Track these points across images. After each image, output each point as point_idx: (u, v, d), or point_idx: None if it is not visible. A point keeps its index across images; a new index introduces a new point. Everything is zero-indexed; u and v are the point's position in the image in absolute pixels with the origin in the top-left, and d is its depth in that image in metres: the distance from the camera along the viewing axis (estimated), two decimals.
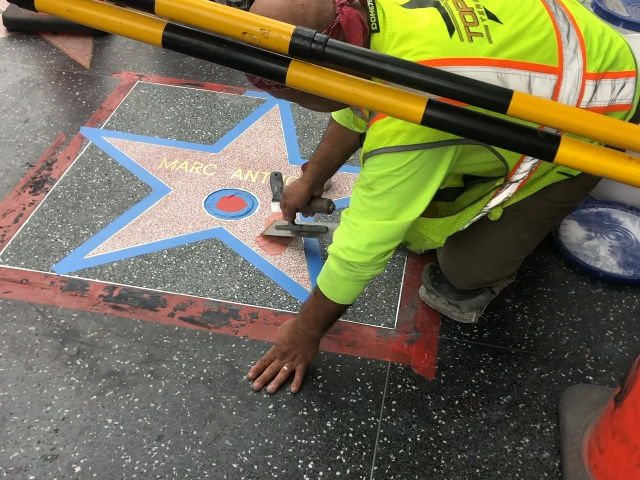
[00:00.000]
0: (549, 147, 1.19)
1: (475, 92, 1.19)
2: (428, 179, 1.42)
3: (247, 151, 2.47)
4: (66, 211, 2.19)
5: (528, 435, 1.67)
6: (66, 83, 2.75)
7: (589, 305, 1.99)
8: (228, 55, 1.24)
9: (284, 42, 1.20)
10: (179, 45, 1.25)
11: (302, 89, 1.25)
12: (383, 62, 1.19)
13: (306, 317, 1.67)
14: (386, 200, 1.42)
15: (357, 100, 1.22)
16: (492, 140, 1.22)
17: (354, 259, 1.49)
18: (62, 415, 1.65)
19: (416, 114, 1.20)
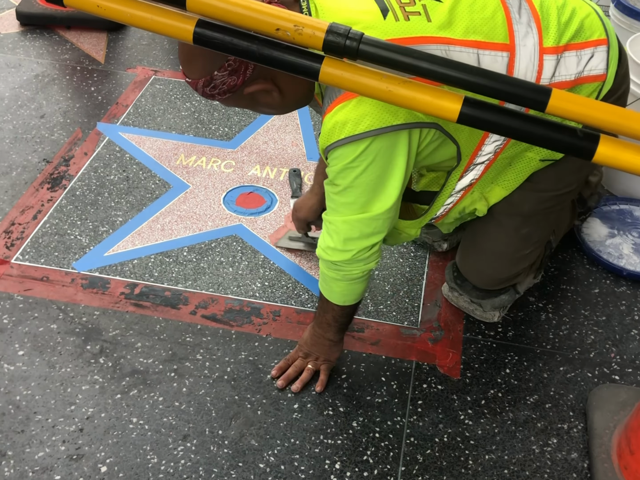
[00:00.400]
0: (588, 146, 1.17)
1: (513, 89, 1.17)
2: (389, 167, 1.37)
3: (265, 147, 2.45)
4: (85, 208, 2.18)
5: (556, 436, 1.65)
6: (81, 78, 2.73)
7: (613, 304, 1.97)
8: (260, 52, 1.22)
9: (318, 39, 1.18)
10: (210, 41, 1.23)
11: (335, 86, 1.23)
12: (419, 59, 1.17)
13: (320, 321, 1.65)
14: (351, 194, 1.39)
15: (392, 98, 1.20)
16: (530, 138, 1.20)
17: (335, 257, 1.48)
18: (86, 414, 1.64)
19: (452, 111, 1.19)
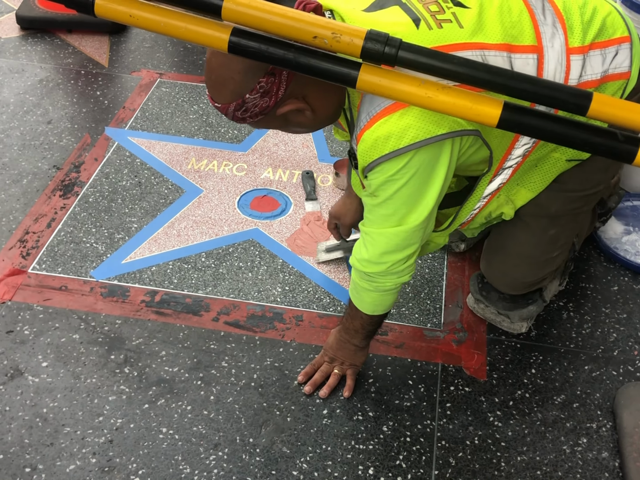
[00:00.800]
0: (629, 149, 1.17)
1: (554, 93, 1.17)
2: (430, 178, 1.36)
3: (276, 150, 2.44)
4: (99, 215, 2.16)
5: (585, 435, 1.66)
6: (86, 82, 2.70)
7: (632, 301, 1.98)
8: (297, 60, 1.21)
9: (356, 46, 1.18)
10: (245, 50, 1.22)
11: (373, 93, 1.23)
12: (459, 65, 1.17)
13: (347, 327, 1.64)
14: (390, 206, 1.38)
15: (432, 105, 1.20)
16: (571, 142, 1.20)
17: (369, 269, 1.47)
18: (115, 425, 1.63)
19: (492, 117, 1.18)
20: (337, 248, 2.04)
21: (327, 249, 2.05)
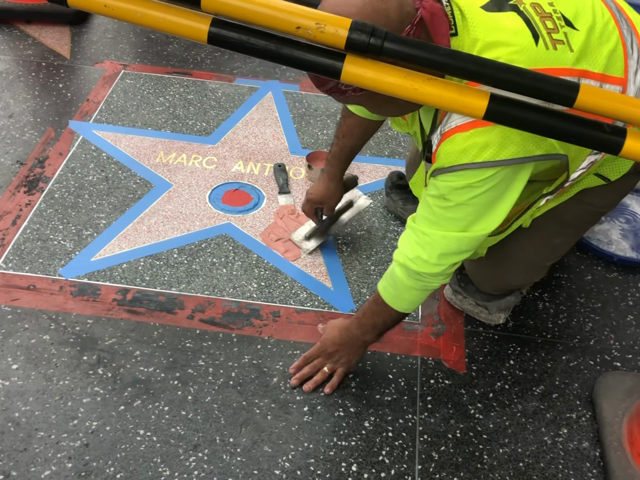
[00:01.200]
0: (615, 140, 1.16)
1: (541, 85, 1.15)
2: (506, 191, 1.33)
3: (246, 142, 2.40)
4: (65, 211, 2.09)
5: (565, 426, 1.66)
6: (47, 75, 2.63)
7: (606, 290, 1.99)
8: (279, 51, 1.17)
9: (341, 37, 1.14)
10: (226, 41, 1.18)
11: (357, 85, 1.20)
12: (445, 56, 1.15)
13: (363, 323, 1.61)
14: (461, 212, 1.35)
15: (418, 96, 1.18)
16: (557, 134, 1.18)
17: (425, 269, 1.43)
18: (90, 428, 1.58)
19: (479, 108, 1.16)
20: (315, 233, 2.03)
21: (306, 236, 2.03)
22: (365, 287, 1.93)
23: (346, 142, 1.85)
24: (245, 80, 2.68)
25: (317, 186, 1.92)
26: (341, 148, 1.86)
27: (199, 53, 2.80)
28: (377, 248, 2.05)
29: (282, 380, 1.70)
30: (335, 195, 1.93)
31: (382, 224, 2.13)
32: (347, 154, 1.87)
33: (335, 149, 1.87)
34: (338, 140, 1.86)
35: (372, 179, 2.28)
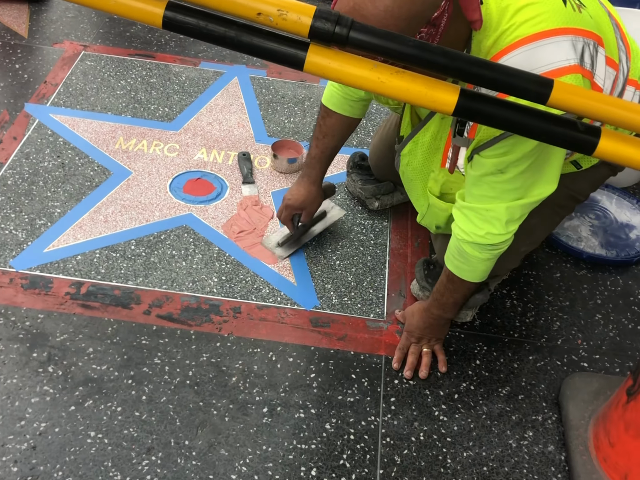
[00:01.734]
0: (589, 140, 1.12)
1: (512, 80, 1.10)
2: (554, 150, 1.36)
3: (210, 129, 2.32)
4: (18, 199, 2.00)
5: (531, 428, 1.63)
6: (3, 54, 2.51)
7: (575, 288, 1.95)
8: (239, 38, 1.11)
9: (304, 25, 1.08)
10: (182, 26, 1.11)
11: (321, 76, 1.13)
12: (413, 47, 1.09)
13: (442, 302, 1.63)
14: (520, 180, 1.37)
15: (384, 90, 1.12)
16: (529, 132, 1.14)
17: (497, 240, 1.45)
18: (38, 429, 1.51)
19: (448, 104, 1.11)
20: (289, 239, 1.94)
21: (279, 243, 1.94)
22: (329, 283, 1.88)
23: (327, 143, 1.78)
24: (210, 64, 2.59)
25: (297, 190, 1.85)
26: (322, 150, 1.79)
27: (163, 35, 2.70)
28: (342, 242, 1.99)
29: (242, 379, 1.64)
30: (317, 200, 1.87)
31: (348, 217, 2.06)
32: (328, 155, 1.81)
33: (316, 150, 1.80)
34: (318, 142, 1.79)
35: (340, 169, 2.22)
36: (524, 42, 1.27)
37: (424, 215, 1.69)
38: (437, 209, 1.63)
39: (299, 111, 2.42)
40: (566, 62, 1.26)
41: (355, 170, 2.11)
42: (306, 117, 2.39)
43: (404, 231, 2.05)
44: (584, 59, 1.28)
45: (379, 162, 2.03)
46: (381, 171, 2.05)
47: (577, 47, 1.28)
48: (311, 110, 2.42)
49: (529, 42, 1.27)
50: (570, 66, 1.25)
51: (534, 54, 1.26)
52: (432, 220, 1.68)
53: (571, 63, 1.26)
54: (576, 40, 1.28)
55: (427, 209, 1.67)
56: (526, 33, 1.27)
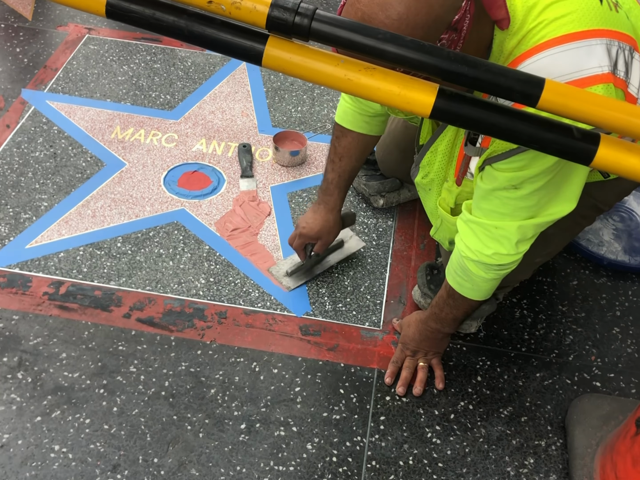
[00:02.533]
0: (586, 148, 0.98)
1: (498, 79, 0.96)
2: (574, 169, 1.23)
3: (211, 118, 2.21)
4: (5, 191, 1.92)
5: (532, 455, 1.49)
6: (5, 38, 2.43)
7: (592, 298, 1.80)
8: (190, 29, 1.00)
9: (260, 14, 0.96)
10: (127, 15, 1.01)
11: (282, 72, 1.01)
12: (384, 41, 0.96)
13: (441, 317, 1.50)
14: (534, 198, 1.24)
15: (351, 88, 0.99)
16: (516, 138, 1.00)
17: (505, 260, 1.33)
18: (0, 441, 1.42)
19: (424, 105, 0.98)
20: (299, 269, 1.77)
21: (289, 272, 1.76)
22: (324, 287, 1.75)
23: (344, 166, 1.62)
24: None
25: (313, 219, 1.68)
26: (339, 173, 1.63)
27: None
28: None
29: (220, 392, 1.53)
30: (334, 230, 1.70)
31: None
32: (347, 179, 1.64)
33: (332, 175, 1.64)
34: (334, 165, 1.63)
35: None
36: (552, 45, 1.11)
37: (437, 229, 1.55)
38: (448, 223, 1.49)
39: (308, 99, 2.29)
40: (599, 69, 1.11)
41: None
42: (315, 106, 2.26)
43: (410, 231, 1.91)
44: (618, 66, 1.13)
45: (385, 158, 1.90)
46: (387, 167, 1.91)
47: (611, 52, 1.13)
48: (320, 99, 2.28)
49: (557, 45, 1.11)
50: (603, 74, 1.11)
51: (561, 58, 1.11)
52: (445, 234, 1.53)
53: (604, 71, 1.11)
54: (611, 44, 1.13)
55: (441, 222, 1.52)
56: (555, 34, 1.12)
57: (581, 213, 1.51)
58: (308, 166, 2.06)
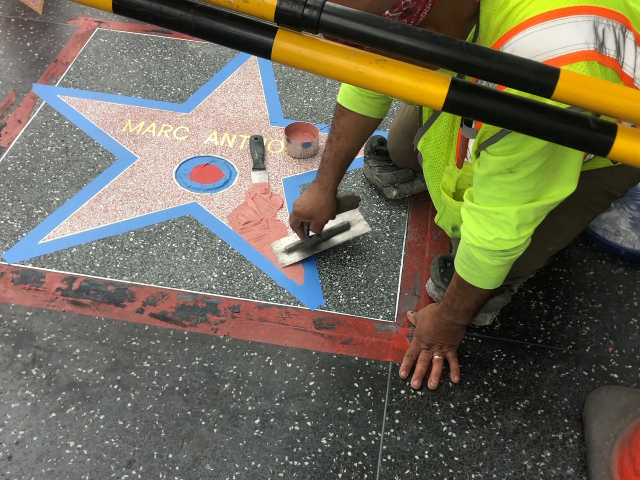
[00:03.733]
0: (603, 139, 0.96)
1: (512, 69, 0.94)
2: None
3: (223, 110, 2.19)
4: (17, 186, 1.92)
5: (549, 448, 1.47)
6: (16, 32, 2.43)
7: (609, 288, 1.78)
8: (197, 23, 0.98)
9: (269, 7, 0.94)
10: (133, 10, 0.99)
11: (291, 65, 0.99)
12: (395, 32, 0.94)
13: (453, 309, 1.49)
14: (532, 181, 1.21)
15: (362, 81, 0.97)
16: (532, 130, 0.97)
17: (508, 246, 1.31)
18: (16, 438, 1.43)
19: (436, 97, 0.96)
20: (298, 247, 1.79)
21: (287, 249, 1.79)
22: (337, 280, 1.74)
23: (341, 146, 1.62)
24: None
25: (307, 197, 1.69)
26: (336, 153, 1.63)
27: None
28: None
29: (234, 387, 1.53)
30: (327, 209, 1.69)
31: (363, 206, 1.92)
32: (343, 159, 1.64)
33: (329, 154, 1.64)
34: (332, 144, 1.63)
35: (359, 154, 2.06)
36: (537, 21, 1.09)
37: (442, 215, 1.54)
38: (451, 208, 1.48)
39: (320, 90, 2.27)
40: (584, 45, 1.08)
41: (372, 156, 1.96)
42: (327, 97, 2.24)
43: (424, 223, 1.89)
44: (607, 44, 1.10)
45: (397, 148, 1.88)
46: (399, 157, 1.90)
47: (598, 29, 1.10)
48: (332, 89, 2.26)
49: (542, 21, 1.09)
50: (588, 51, 1.08)
51: (546, 34, 1.08)
52: (449, 220, 1.52)
53: (590, 48, 1.08)
54: (598, 21, 1.10)
55: (444, 208, 1.51)
56: (540, 10, 1.09)
57: (591, 199, 1.50)
58: (320, 158, 2.04)
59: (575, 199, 1.46)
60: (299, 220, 1.71)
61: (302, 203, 1.69)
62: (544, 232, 1.46)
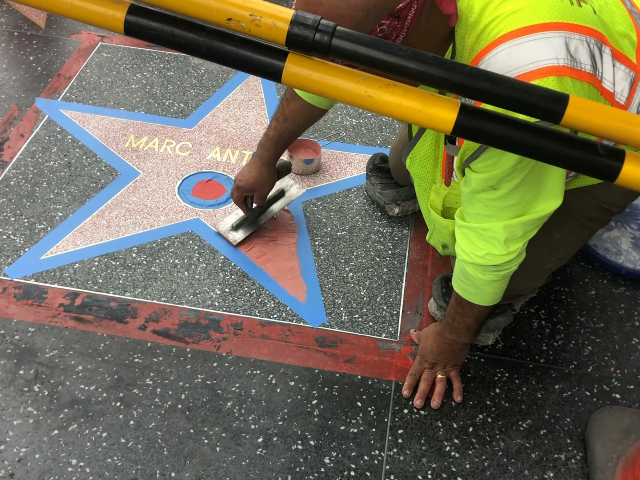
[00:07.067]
0: (611, 165, 0.97)
1: (521, 95, 0.95)
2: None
3: (225, 126, 2.20)
4: (20, 201, 1.92)
5: (552, 468, 1.47)
6: (18, 46, 2.43)
7: (611, 308, 1.78)
8: (209, 46, 0.99)
9: (280, 31, 0.95)
10: (145, 32, 1.00)
11: (301, 89, 1.00)
12: (405, 58, 0.95)
13: (454, 327, 1.49)
14: (516, 197, 1.22)
15: (372, 105, 0.98)
16: (540, 155, 0.98)
17: (499, 261, 1.32)
18: (18, 455, 1.42)
19: (446, 122, 0.97)
20: (243, 223, 1.88)
21: (233, 226, 1.87)
22: (340, 297, 1.74)
23: (287, 127, 1.70)
24: None
25: (248, 172, 1.77)
26: (280, 133, 1.71)
27: None
28: (357, 251, 1.85)
29: (237, 405, 1.52)
30: (268, 182, 1.79)
31: (366, 223, 1.93)
32: (285, 139, 1.73)
33: (273, 132, 1.72)
34: (277, 124, 1.70)
35: (360, 171, 2.08)
36: (508, 38, 1.11)
37: (432, 233, 1.55)
38: (440, 226, 1.49)
39: None
40: (554, 61, 1.09)
41: (374, 173, 1.97)
42: (329, 114, 2.24)
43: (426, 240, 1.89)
44: (580, 59, 1.12)
45: (398, 165, 1.89)
46: (401, 175, 1.90)
47: (570, 45, 1.11)
48: (334, 106, 2.26)
49: (514, 38, 1.11)
50: (558, 67, 1.09)
51: (516, 50, 1.10)
52: (439, 238, 1.53)
53: (560, 63, 1.09)
54: (570, 37, 1.11)
55: (434, 226, 1.52)
56: (511, 27, 1.12)
57: (586, 215, 1.50)
58: (322, 174, 2.05)
59: (569, 215, 1.47)
60: (243, 194, 1.79)
61: (244, 177, 1.77)
62: (540, 249, 1.47)
